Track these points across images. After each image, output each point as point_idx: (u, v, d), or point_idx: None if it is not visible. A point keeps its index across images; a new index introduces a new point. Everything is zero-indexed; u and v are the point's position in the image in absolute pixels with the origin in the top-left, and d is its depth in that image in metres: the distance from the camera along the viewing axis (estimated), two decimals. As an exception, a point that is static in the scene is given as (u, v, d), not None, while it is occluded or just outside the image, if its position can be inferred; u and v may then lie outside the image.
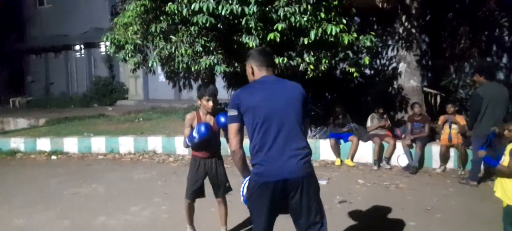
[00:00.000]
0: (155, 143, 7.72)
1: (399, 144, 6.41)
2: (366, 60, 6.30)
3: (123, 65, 13.39)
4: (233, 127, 2.38)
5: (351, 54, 6.27)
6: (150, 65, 6.92)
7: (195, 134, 3.23)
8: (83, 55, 17.74)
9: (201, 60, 6.31)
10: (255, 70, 2.48)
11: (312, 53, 5.95)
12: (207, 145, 3.38)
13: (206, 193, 3.63)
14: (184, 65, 6.48)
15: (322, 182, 5.41)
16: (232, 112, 2.38)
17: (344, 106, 7.05)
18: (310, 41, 5.69)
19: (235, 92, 2.45)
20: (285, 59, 5.90)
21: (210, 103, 3.30)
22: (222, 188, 3.54)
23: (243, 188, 2.47)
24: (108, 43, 7.68)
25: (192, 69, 6.48)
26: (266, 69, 2.47)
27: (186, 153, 7.44)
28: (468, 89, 8.13)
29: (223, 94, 11.21)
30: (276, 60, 5.75)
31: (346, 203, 4.68)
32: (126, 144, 7.83)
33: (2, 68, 18.02)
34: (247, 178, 2.45)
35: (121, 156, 7.63)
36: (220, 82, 10.79)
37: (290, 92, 2.42)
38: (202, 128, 3.21)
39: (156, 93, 15.31)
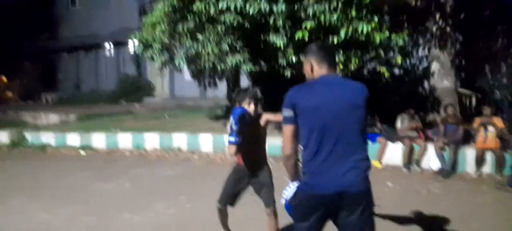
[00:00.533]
0: (180, 140, 7.75)
1: (430, 147, 6.14)
2: (398, 59, 6.08)
3: (150, 63, 13.58)
4: (288, 129, 2.12)
5: (382, 53, 6.06)
6: (177, 64, 6.94)
7: (232, 125, 2.89)
8: (112, 54, 18.16)
9: (227, 59, 6.27)
10: (315, 67, 2.20)
11: (341, 52, 5.78)
12: (249, 151, 3.09)
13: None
14: (211, 64, 6.47)
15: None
16: (287, 112, 2.12)
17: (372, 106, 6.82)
18: (340, 40, 5.54)
19: (290, 90, 2.16)
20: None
21: (252, 106, 3.00)
22: (267, 198, 3.21)
23: (287, 193, 2.26)
24: (136, 42, 7.78)
25: (218, 68, 6.46)
26: (327, 66, 2.19)
27: (211, 151, 7.44)
28: (504, 90, 7.75)
29: (248, 93, 11.20)
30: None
31: (376, 207, 4.49)
32: (152, 140, 7.90)
33: (36, 65, 18.70)
34: (294, 184, 2.24)
35: (147, 152, 7.71)
36: (245, 81, 10.76)
37: (355, 95, 2.14)
38: (237, 111, 2.89)
39: (182, 91, 15.46)
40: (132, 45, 14.20)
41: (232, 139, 2.90)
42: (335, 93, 2.12)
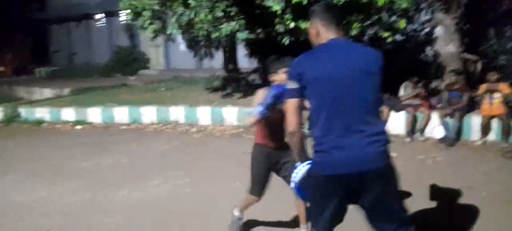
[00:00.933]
0: (177, 113, 7.57)
1: (434, 115, 5.99)
2: (402, 23, 5.80)
3: (143, 34, 13.20)
4: (292, 103, 1.92)
5: (385, 17, 5.78)
6: (169, 32, 6.65)
7: (268, 98, 2.55)
8: (104, 24, 17.64)
9: (221, 26, 5.99)
10: (322, 31, 1.96)
11: (342, 17, 5.49)
12: (277, 130, 2.79)
13: None
14: (205, 32, 6.18)
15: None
16: (292, 84, 1.90)
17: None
18: (340, 3, 5.23)
19: (296, 59, 1.95)
20: (313, 23, 5.49)
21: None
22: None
23: (297, 175, 2.08)
24: (127, 11, 7.44)
25: (213, 36, 6.18)
26: (335, 29, 1.96)
27: (209, 123, 7.28)
28: (509, 55, 7.51)
29: (245, 63, 10.91)
30: (303, 25, 5.36)
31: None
32: (148, 114, 7.72)
33: (27, 38, 18.22)
34: (304, 165, 2.04)
35: (144, 126, 7.55)
36: (241, 51, 10.46)
37: (369, 62, 1.90)
38: (279, 88, 2.52)
39: (177, 63, 15.14)
40: (124, 15, 13.74)
41: (262, 110, 2.56)
42: (348, 59, 1.89)
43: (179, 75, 12.96)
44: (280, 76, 2.68)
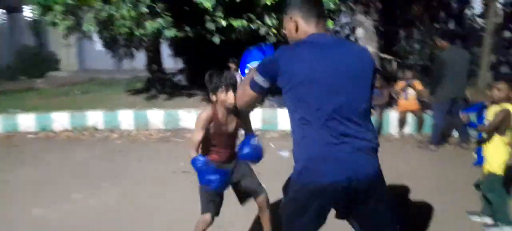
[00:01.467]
0: (95, 118, 6.90)
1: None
2: (329, 23, 6.00)
3: (53, 32, 11.93)
4: (250, 94, 1.80)
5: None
6: (85, 29, 6.02)
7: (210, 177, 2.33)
8: (5, 21, 15.65)
9: (146, 23, 5.59)
10: (301, 25, 1.75)
11: (274, 16, 5.48)
12: (228, 144, 2.58)
13: None
14: (127, 30, 5.71)
15: (283, 154, 5.14)
16: (262, 81, 1.72)
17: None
18: (272, 2, 5.21)
19: (275, 52, 1.73)
20: (245, 22, 5.38)
21: (231, 94, 2.41)
22: (255, 185, 2.64)
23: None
24: (33, 5, 6.60)
25: (137, 34, 5.74)
26: (316, 23, 1.74)
27: (132, 128, 6.77)
28: (417, 55, 8.30)
29: (170, 63, 10.46)
30: (235, 24, 5.23)
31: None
32: (60, 120, 6.92)
33: None
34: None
35: (55, 134, 6.74)
36: (166, 50, 10.02)
37: (358, 60, 1.71)
38: (212, 177, 2.33)
39: (93, 64, 14.04)
40: (29, 11, 12.30)
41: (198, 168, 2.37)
42: (335, 57, 1.68)
43: (96, 77, 12.00)
44: (221, 96, 2.43)
